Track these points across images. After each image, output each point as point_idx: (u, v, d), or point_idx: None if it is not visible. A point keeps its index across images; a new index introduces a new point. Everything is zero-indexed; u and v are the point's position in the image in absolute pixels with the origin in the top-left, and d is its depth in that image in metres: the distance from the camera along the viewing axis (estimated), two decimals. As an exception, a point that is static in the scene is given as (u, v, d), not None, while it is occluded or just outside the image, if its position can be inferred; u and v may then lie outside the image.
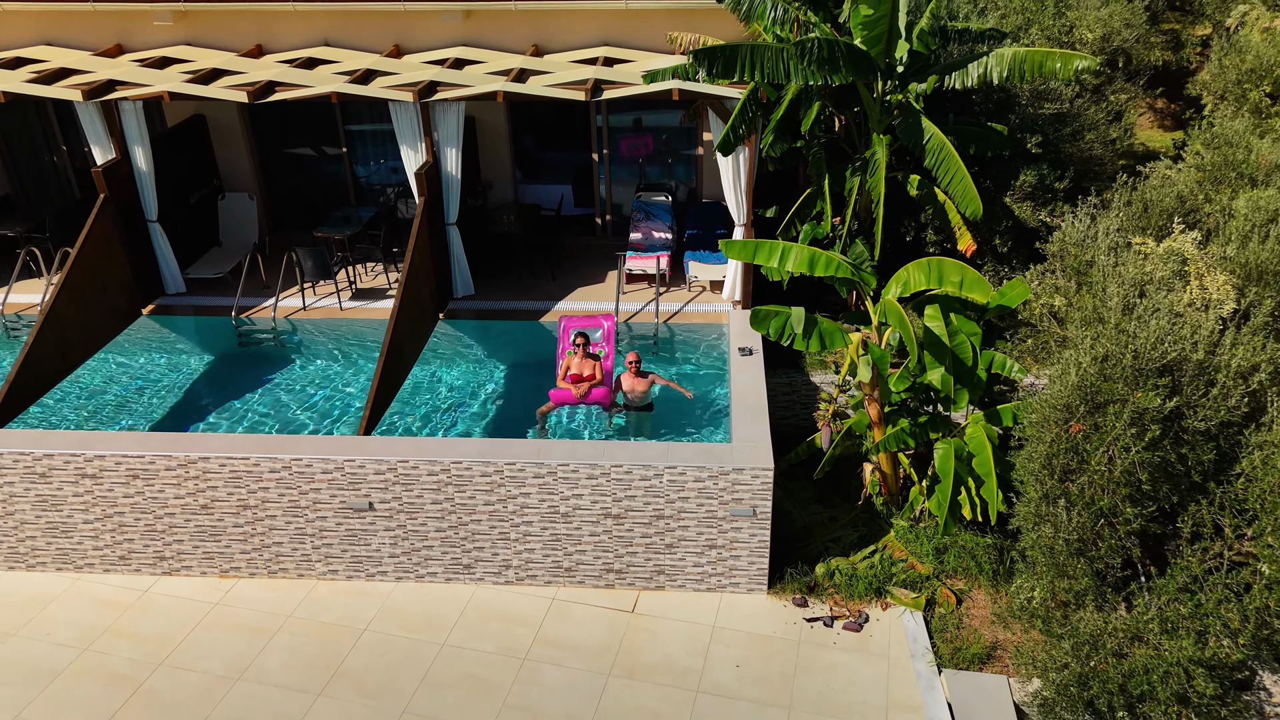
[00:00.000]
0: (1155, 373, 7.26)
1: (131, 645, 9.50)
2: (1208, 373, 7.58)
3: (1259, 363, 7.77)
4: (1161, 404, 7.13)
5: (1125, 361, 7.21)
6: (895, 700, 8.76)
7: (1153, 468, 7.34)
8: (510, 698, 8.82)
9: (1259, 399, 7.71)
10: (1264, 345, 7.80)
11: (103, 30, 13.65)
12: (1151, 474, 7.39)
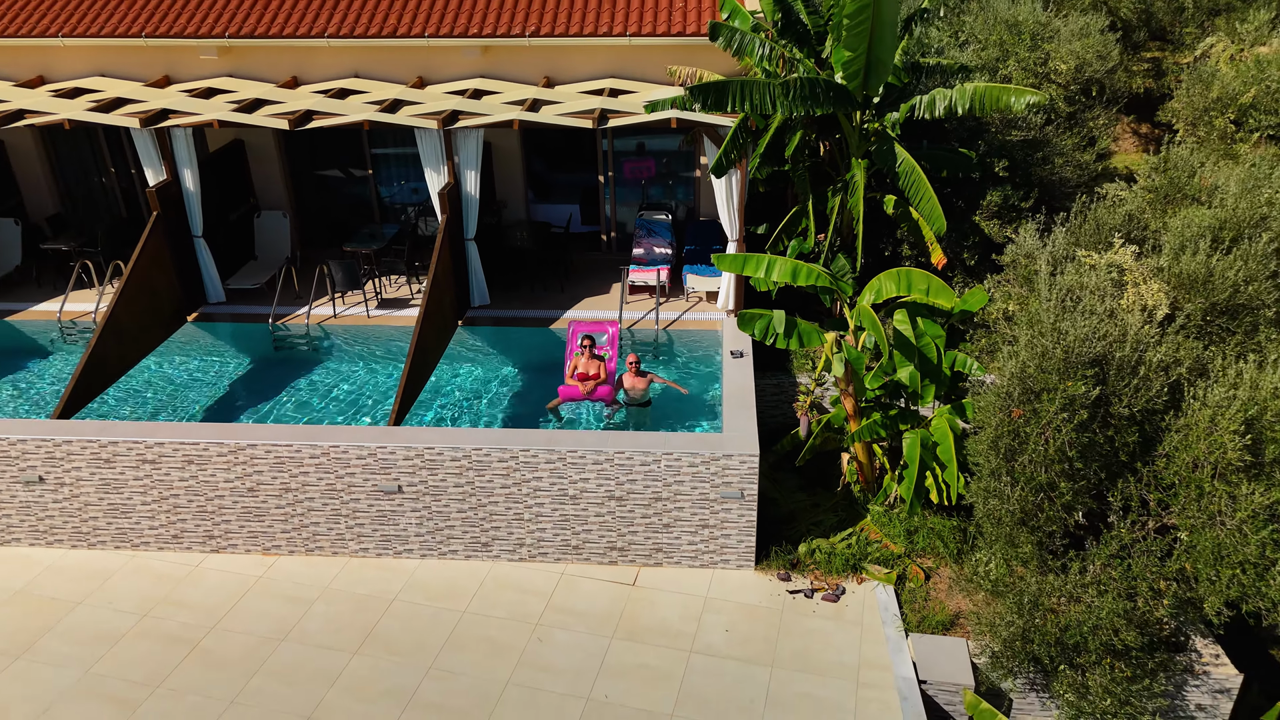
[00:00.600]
0: (1084, 365, 8.41)
1: (185, 612, 10.64)
2: (1133, 366, 8.72)
3: (1180, 358, 8.93)
4: (1087, 392, 8.28)
5: (1057, 355, 8.37)
6: (866, 660, 9.86)
7: (1082, 447, 8.47)
8: (524, 656, 9.94)
9: (1178, 389, 8.85)
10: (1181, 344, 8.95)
11: (152, 63, 14.97)
12: (1082, 453, 8.52)
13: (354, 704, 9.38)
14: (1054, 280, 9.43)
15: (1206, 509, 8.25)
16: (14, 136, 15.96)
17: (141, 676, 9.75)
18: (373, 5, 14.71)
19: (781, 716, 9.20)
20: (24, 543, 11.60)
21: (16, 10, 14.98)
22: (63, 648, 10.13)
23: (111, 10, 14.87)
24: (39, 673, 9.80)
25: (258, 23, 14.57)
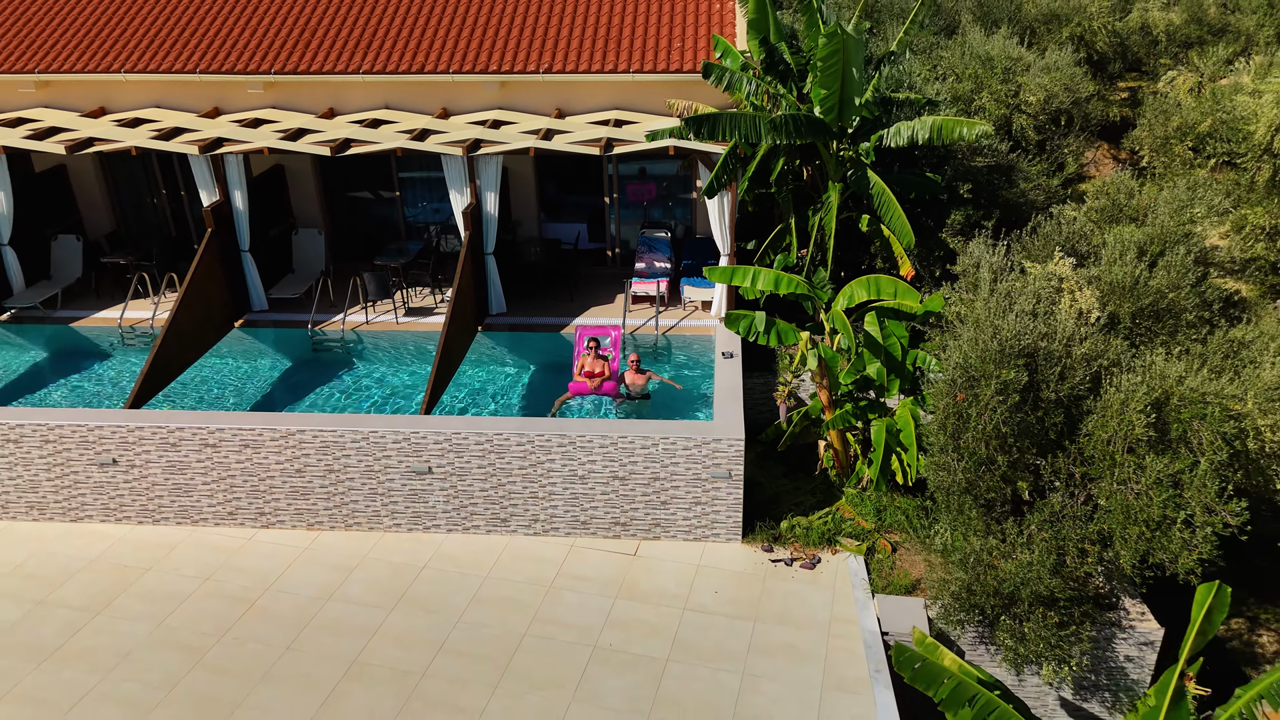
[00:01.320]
0: (1015, 356, 9.93)
1: (242, 576, 12.15)
2: (1060, 358, 10.25)
3: (1101, 352, 10.46)
4: (1018, 378, 9.80)
5: (993, 348, 9.89)
6: (837, 616, 11.32)
7: (1016, 426, 9.98)
8: (539, 613, 11.42)
9: (1099, 378, 10.37)
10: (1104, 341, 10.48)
11: (204, 96, 16.66)
12: (1016, 431, 10.03)
13: (393, 650, 10.87)
14: (995, 286, 10.97)
15: (1119, 477, 9.75)
16: (75, 161, 17.64)
17: (208, 628, 11.25)
18: (402, 45, 16.39)
19: (763, 661, 10.67)
20: (96, 519, 13.13)
21: (83, 48, 16.68)
22: (137, 605, 11.64)
23: (169, 49, 16.56)
24: (119, 625, 11.30)
25: (299, 60, 16.25)
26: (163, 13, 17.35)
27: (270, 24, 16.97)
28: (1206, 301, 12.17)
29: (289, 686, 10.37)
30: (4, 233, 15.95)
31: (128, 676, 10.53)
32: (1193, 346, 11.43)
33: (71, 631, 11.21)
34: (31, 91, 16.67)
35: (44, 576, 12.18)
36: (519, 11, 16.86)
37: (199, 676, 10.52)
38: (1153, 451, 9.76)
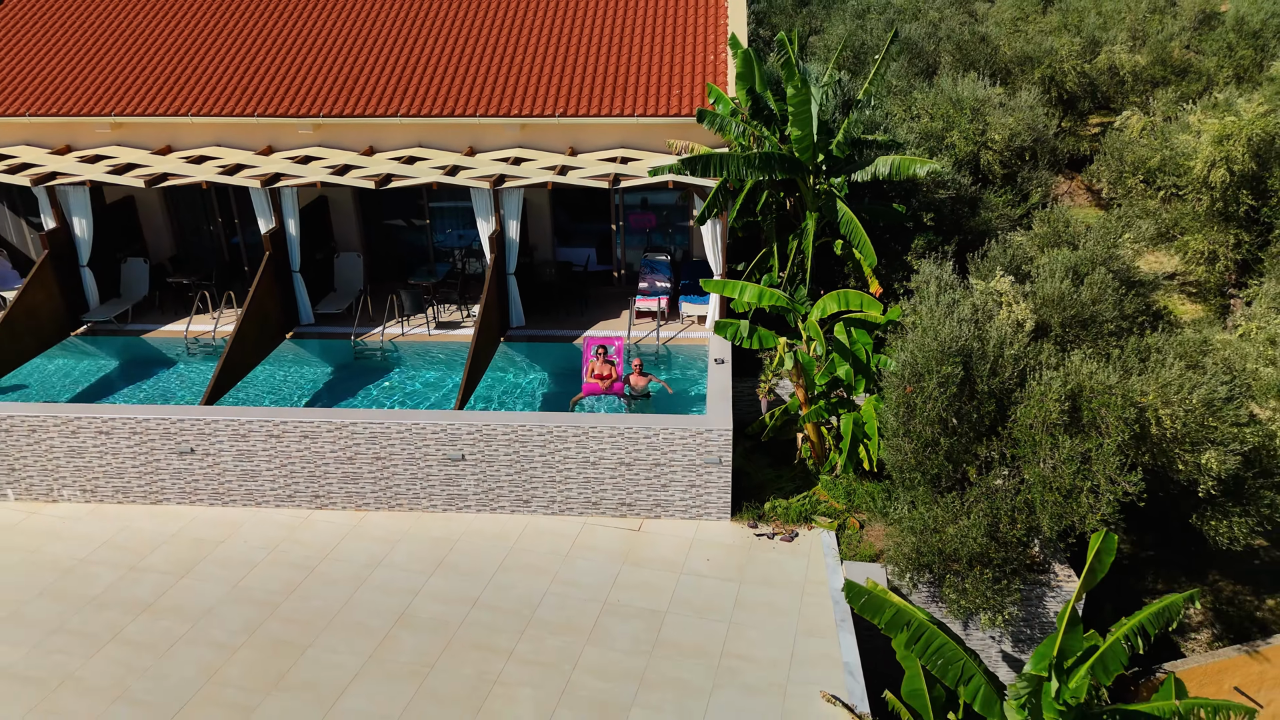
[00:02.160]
0: (952, 355, 12.01)
1: (302, 548, 14.18)
2: (993, 357, 12.32)
3: (1028, 353, 12.54)
4: (954, 373, 11.88)
5: (934, 348, 11.98)
6: (810, 579, 13.32)
7: (954, 413, 12.05)
8: (557, 576, 13.43)
9: (1025, 374, 12.44)
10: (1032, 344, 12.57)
11: (259, 136, 18.89)
12: (955, 417, 12.10)
13: (435, 605, 12.88)
14: (939, 298, 13.06)
15: (1038, 454, 11.80)
16: (141, 193, 19.86)
17: (276, 588, 13.27)
18: (434, 91, 18.63)
19: (746, 614, 12.67)
20: (173, 501, 15.18)
21: (153, 94, 18.93)
22: (215, 570, 13.68)
23: (228, 95, 18.82)
24: (201, 585, 13.33)
25: (344, 105, 18.50)
26: (222, 62, 19.63)
27: (317, 72, 19.24)
28: (1125, 314, 14.26)
29: (349, 633, 12.39)
30: (83, 255, 18.12)
31: (213, 625, 12.55)
32: (1112, 350, 13.51)
33: (162, 590, 13.25)
34: (107, 131, 18.92)
35: (133, 548, 14.23)
36: (536, 62, 19.12)
37: (273, 625, 12.54)
38: (1067, 434, 11.82)
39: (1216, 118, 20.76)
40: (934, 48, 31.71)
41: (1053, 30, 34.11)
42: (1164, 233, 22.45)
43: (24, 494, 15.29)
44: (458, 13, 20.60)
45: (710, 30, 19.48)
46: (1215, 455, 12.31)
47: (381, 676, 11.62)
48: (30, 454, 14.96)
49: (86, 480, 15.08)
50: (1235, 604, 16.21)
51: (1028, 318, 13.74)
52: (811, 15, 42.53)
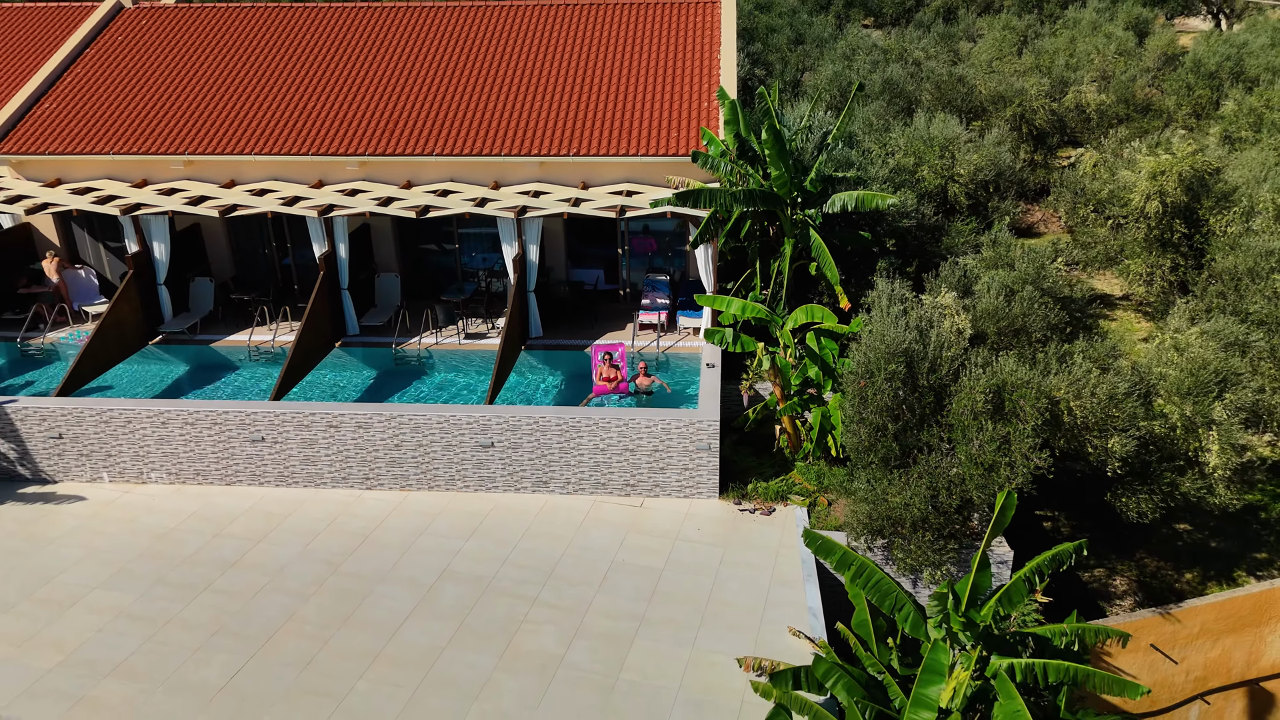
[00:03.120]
0: (896, 355, 14.66)
1: (357, 520, 16.81)
2: (934, 358, 14.97)
3: (962, 353, 15.20)
4: (897, 370, 14.53)
5: (881, 349, 14.64)
6: (784, 544, 15.91)
7: (899, 403, 14.69)
8: (572, 542, 16.03)
9: (959, 372, 15.09)
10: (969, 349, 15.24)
11: (311, 171, 21.70)
12: (901, 406, 14.73)
13: (471, 564, 15.48)
14: (889, 310, 15.73)
15: (968, 437, 14.43)
16: (207, 220, 22.66)
17: (338, 550, 15.91)
18: (464, 132, 21.45)
19: (730, 570, 15.25)
20: (244, 483, 17.84)
21: (219, 136, 21.77)
22: (285, 537, 16.31)
23: (285, 136, 21.66)
24: (275, 549, 15.97)
25: (386, 145, 21.31)
26: (279, 107, 22.49)
27: (362, 116, 22.09)
28: (1050, 324, 16.91)
29: (401, 585, 15.00)
30: (160, 275, 20.89)
31: (288, 579, 15.18)
32: (1038, 354, 16.14)
33: (242, 552, 15.89)
34: (179, 168, 21.75)
35: (214, 519, 16.89)
36: (553, 108, 21.95)
37: (337, 579, 15.16)
38: (991, 420, 14.45)
39: (1154, 156, 23.54)
40: (915, 87, 34.57)
41: (1026, 71, 36.97)
42: (1112, 257, 25.18)
43: (118, 477, 17.97)
44: (483, 65, 23.47)
45: (704, 82, 22.33)
46: (1118, 440, 14.94)
47: (430, 617, 14.23)
48: (125, 442, 17.65)
49: (172, 464, 17.76)
50: (1158, 578, 18.72)
51: (966, 327, 16.42)
52: (805, 54, 45.50)
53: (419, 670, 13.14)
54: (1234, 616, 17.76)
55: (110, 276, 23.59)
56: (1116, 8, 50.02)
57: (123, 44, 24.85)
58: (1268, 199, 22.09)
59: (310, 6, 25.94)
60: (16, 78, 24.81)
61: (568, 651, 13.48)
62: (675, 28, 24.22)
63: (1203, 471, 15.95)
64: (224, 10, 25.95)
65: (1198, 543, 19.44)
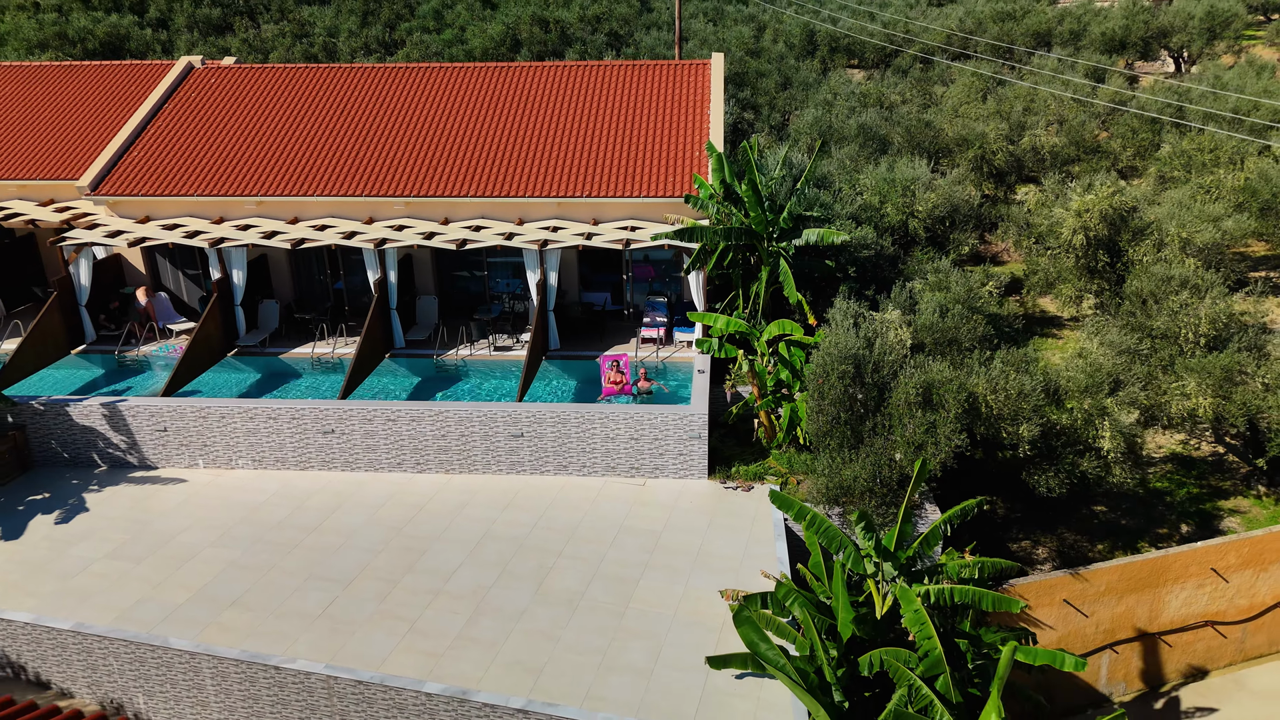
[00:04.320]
0: (846, 359, 18.49)
1: (411, 496, 20.55)
2: (877, 362, 18.80)
3: (900, 359, 19.04)
4: (847, 370, 18.35)
5: (835, 354, 18.48)
6: (759, 513, 19.65)
7: (849, 398, 18.50)
8: (587, 513, 19.77)
9: (897, 372, 18.91)
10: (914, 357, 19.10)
11: (364, 210, 25.62)
12: (850, 400, 18.54)
13: (507, 529, 19.21)
14: (841, 323, 19.57)
15: (901, 422, 18.23)
16: (272, 250, 26.55)
17: (398, 519, 19.64)
18: (493, 177, 25.39)
19: (715, 533, 18.97)
20: (316, 468, 21.58)
21: (285, 179, 25.70)
22: (354, 509, 20.05)
23: (340, 179, 25.60)
24: (346, 518, 19.70)
25: (427, 187, 25.25)
26: (334, 155, 26.45)
27: (406, 163, 26.05)
28: (978, 336, 20.75)
29: (452, 543, 18.72)
30: (238, 297, 24.75)
31: (360, 540, 18.90)
32: (965, 359, 19.97)
33: (321, 520, 19.62)
34: (251, 207, 25.68)
35: (294, 496, 20.62)
36: (568, 156, 25.92)
37: (400, 539, 18.89)
38: (920, 409, 18.26)
39: (1081, 195, 27.56)
40: (887, 131, 38.66)
41: (989, 115, 41.11)
42: (1051, 282, 29.09)
43: (211, 464, 21.72)
44: (508, 118, 27.48)
45: (697, 133, 26.35)
46: (1026, 427, 18.75)
47: (477, 566, 17.96)
48: (219, 434, 21.43)
49: (256, 452, 21.52)
50: (1075, 549, 22.41)
51: (907, 338, 20.29)
52: (791, 97, 49.69)
53: (471, 602, 16.86)
54: (1134, 578, 21.43)
55: (186, 300, 27.45)
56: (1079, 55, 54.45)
57: (196, 100, 28.89)
58: (1174, 233, 26.07)
59: (358, 67, 30.02)
60: (106, 128, 28.80)
61: (587, 589, 17.21)
62: (672, 86, 28.30)
63: (1099, 454, 19.74)
64: (283, 70, 30.03)
65: (1110, 521, 23.17)
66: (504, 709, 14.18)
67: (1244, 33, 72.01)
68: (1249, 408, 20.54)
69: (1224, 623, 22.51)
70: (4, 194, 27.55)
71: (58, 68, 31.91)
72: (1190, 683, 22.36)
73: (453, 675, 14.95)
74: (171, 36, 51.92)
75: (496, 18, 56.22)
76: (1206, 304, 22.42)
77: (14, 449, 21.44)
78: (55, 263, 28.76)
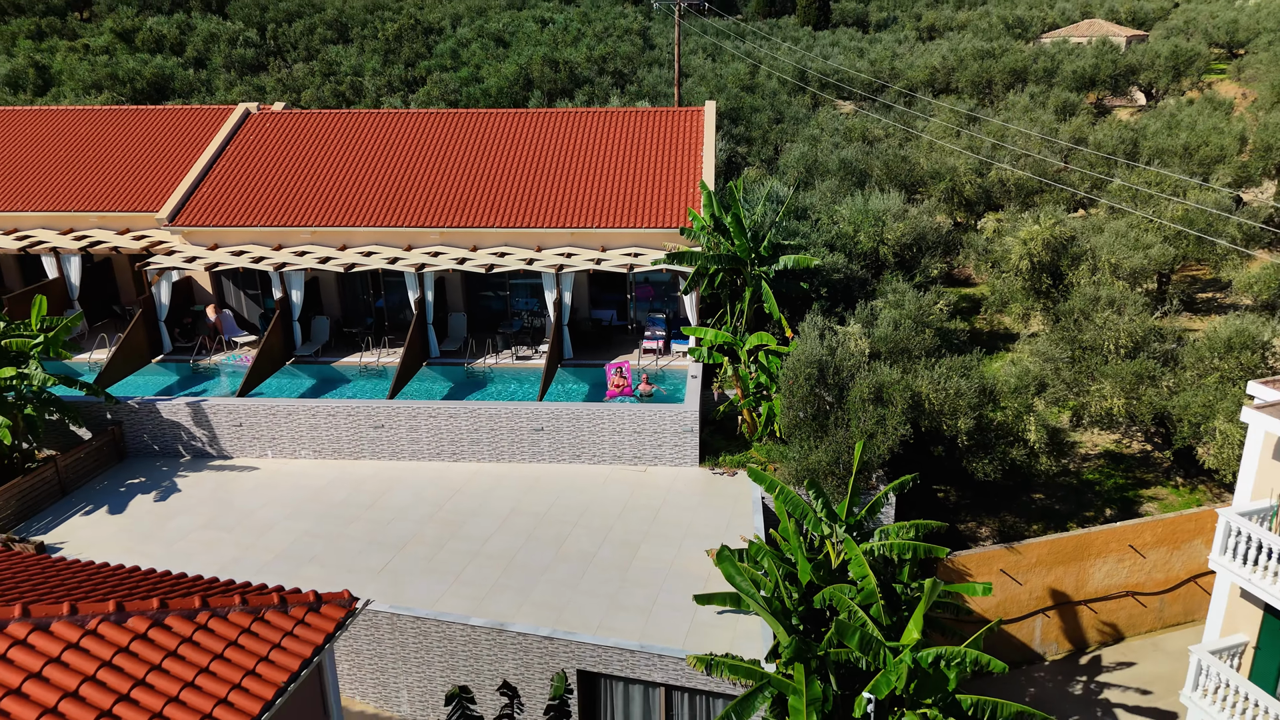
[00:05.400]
0: (811, 364, 22.39)
1: (450, 480, 24.43)
2: (838, 367, 22.71)
3: (858, 365, 22.98)
4: (811, 373, 22.27)
5: (802, 359, 22.39)
6: (741, 493, 23.51)
7: (814, 396, 22.40)
8: (599, 493, 23.65)
9: (854, 375, 22.83)
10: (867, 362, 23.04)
11: (403, 239, 29.64)
12: (814, 398, 22.45)
13: (532, 506, 23.08)
14: (810, 335, 23.48)
15: (857, 416, 22.13)
16: (322, 272, 30.56)
17: (441, 499, 23.52)
18: (515, 210, 29.42)
19: (704, 509, 22.82)
20: (368, 458, 25.49)
21: (335, 212, 29.76)
22: (403, 491, 23.94)
23: (382, 212, 29.65)
24: (397, 498, 23.59)
25: (458, 219, 29.28)
26: (376, 191, 30.52)
27: (440, 197, 30.10)
28: (927, 348, 24.66)
29: (486, 517, 22.58)
30: (295, 314, 28.74)
31: (409, 515, 22.77)
32: (914, 366, 23.85)
33: (376, 499, 23.50)
34: (306, 236, 29.72)
35: (351, 481, 24.51)
36: (580, 193, 29.96)
37: (442, 514, 22.75)
38: (872, 405, 22.15)
39: (1027, 226, 31.55)
40: (867, 165, 42.73)
41: (961, 150, 45.17)
42: (1005, 302, 33.02)
43: (278, 454, 25.62)
44: (529, 158, 31.56)
45: (691, 172, 30.41)
46: (963, 420, 22.63)
47: (507, 534, 21.82)
48: (285, 428, 25.35)
49: (317, 445, 25.43)
50: (1014, 529, 26.20)
51: (865, 347, 24.22)
52: (783, 131, 53.83)
53: (504, 561, 20.72)
54: (1062, 552, 25.19)
55: (246, 316, 31.46)
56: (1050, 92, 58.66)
57: (253, 141, 33.04)
58: (1104, 259, 30.05)
59: (398, 112, 34.19)
60: (174, 166, 32.91)
61: (598, 551, 21.06)
62: (671, 130, 32.40)
63: (1026, 445, 23.60)
64: (328, 115, 34.20)
65: (1046, 506, 26.98)
66: (534, 636, 18.01)
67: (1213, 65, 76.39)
68: (1155, 407, 24.41)
69: (1143, 593, 26.25)
70: (86, 224, 31.62)
71: (128, 111, 36.11)
72: (1113, 644, 26.10)
73: (492, 613, 18.79)
74: (210, 76, 56.33)
75: (510, 57, 60.66)
76: (1125, 320, 26.35)
77: (113, 441, 25.37)
78: (128, 283, 32.83)
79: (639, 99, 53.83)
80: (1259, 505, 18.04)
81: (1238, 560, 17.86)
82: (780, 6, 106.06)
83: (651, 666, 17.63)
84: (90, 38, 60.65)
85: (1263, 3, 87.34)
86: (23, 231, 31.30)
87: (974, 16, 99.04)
